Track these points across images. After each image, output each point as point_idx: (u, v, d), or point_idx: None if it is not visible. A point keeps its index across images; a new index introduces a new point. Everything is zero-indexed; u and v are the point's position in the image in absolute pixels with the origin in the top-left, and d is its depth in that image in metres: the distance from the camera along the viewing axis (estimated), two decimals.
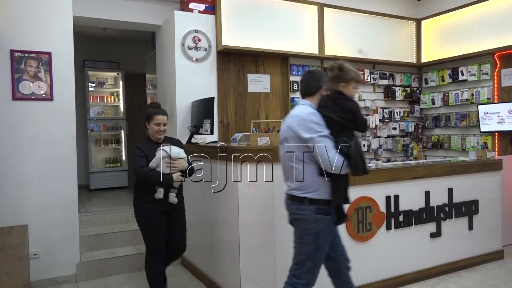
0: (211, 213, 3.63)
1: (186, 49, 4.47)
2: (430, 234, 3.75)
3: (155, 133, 3.13)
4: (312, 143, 2.27)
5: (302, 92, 2.54)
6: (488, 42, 5.19)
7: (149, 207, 3.07)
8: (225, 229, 3.35)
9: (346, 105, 2.36)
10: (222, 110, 4.75)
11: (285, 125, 2.46)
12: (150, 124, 3.13)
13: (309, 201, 2.33)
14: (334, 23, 5.43)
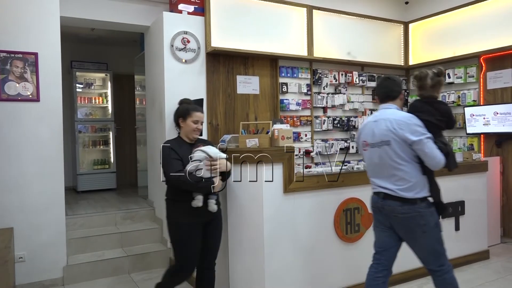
0: None
1: (175, 50, 4.46)
2: None
3: (191, 132, 2.78)
4: (420, 145, 2.46)
5: (384, 97, 2.72)
6: (474, 45, 5.28)
7: (187, 220, 2.69)
8: None
9: (444, 109, 2.68)
10: (211, 112, 4.74)
11: (383, 129, 2.58)
12: (186, 121, 2.78)
13: (420, 199, 2.53)
14: (323, 25, 5.47)
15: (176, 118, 2.85)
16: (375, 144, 2.63)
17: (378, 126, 2.62)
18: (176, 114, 2.85)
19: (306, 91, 5.40)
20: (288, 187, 3.04)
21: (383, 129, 2.58)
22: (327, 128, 5.57)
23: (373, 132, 2.65)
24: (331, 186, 3.27)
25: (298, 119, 5.35)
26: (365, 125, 2.76)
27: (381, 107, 2.74)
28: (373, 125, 2.67)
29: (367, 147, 2.70)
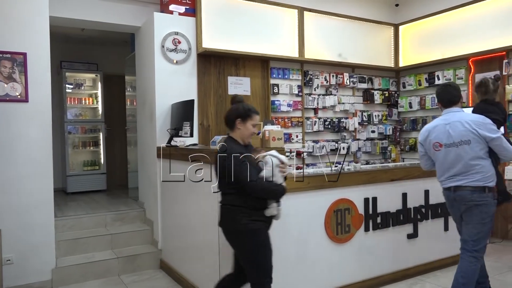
0: (191, 216, 3.62)
1: (166, 51, 4.45)
2: (407, 235, 3.82)
3: (249, 136, 2.55)
4: (498, 141, 2.83)
5: (448, 102, 3.04)
6: (463, 48, 5.34)
7: (261, 226, 2.49)
8: (204, 232, 3.34)
9: (503, 109, 3.28)
10: (203, 113, 4.74)
11: (461, 130, 2.89)
12: (245, 124, 2.51)
13: (488, 189, 2.84)
14: (314, 27, 5.49)
15: (234, 118, 2.53)
16: (452, 144, 2.92)
17: (454, 128, 2.91)
18: (234, 114, 2.54)
19: (297, 92, 5.42)
20: None
21: (462, 130, 2.88)
22: (318, 129, 5.60)
23: (449, 134, 2.93)
24: (322, 187, 3.29)
25: (289, 120, 5.36)
26: (434, 128, 3.01)
27: (447, 111, 3.04)
28: (446, 127, 2.95)
29: (441, 147, 2.97)
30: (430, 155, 3.08)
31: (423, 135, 3.11)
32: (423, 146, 3.12)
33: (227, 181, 2.44)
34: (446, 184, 2.99)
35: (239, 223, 2.44)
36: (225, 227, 2.54)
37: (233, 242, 2.54)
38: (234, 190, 2.46)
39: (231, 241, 2.55)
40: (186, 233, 3.73)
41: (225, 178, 2.45)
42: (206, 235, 3.28)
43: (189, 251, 3.66)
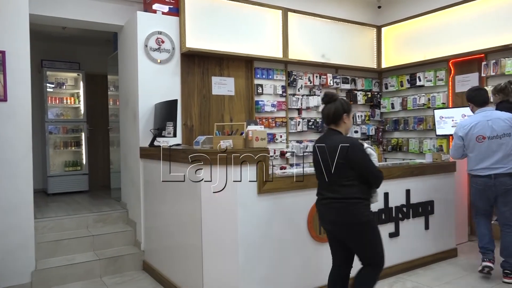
0: (174, 216, 3.60)
1: (149, 50, 4.41)
2: (389, 234, 3.87)
3: (349, 129, 2.76)
4: None
5: (482, 102, 3.76)
6: (444, 50, 5.44)
7: (373, 217, 2.68)
8: (187, 232, 3.32)
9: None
10: (186, 113, 4.72)
11: (502, 125, 3.60)
12: (349, 117, 2.69)
13: None
14: (298, 28, 5.52)
15: (342, 112, 2.64)
16: (496, 137, 3.61)
17: (497, 123, 3.62)
18: (341, 109, 2.64)
19: (281, 92, 5.44)
20: (262, 188, 3.05)
21: (503, 125, 3.60)
22: (302, 130, 5.63)
23: (492, 128, 3.62)
24: (305, 186, 3.30)
25: (273, 120, 5.38)
26: (477, 124, 3.68)
27: (482, 110, 3.74)
28: (489, 123, 3.64)
29: (484, 140, 3.64)
30: (468, 147, 3.74)
31: (465, 129, 3.74)
32: (462, 138, 3.75)
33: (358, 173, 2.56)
34: (484, 172, 3.65)
35: (363, 215, 2.57)
36: (346, 219, 2.58)
37: (352, 234, 2.62)
38: (356, 182, 2.56)
39: (350, 233, 2.63)
40: (170, 234, 3.70)
41: (353, 169, 2.55)
42: (190, 236, 3.27)
43: (172, 252, 3.64)
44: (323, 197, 2.70)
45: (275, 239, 3.16)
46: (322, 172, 2.65)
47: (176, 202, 3.56)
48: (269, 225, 3.12)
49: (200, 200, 3.07)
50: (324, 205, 2.68)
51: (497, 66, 4.86)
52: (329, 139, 2.66)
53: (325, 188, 2.68)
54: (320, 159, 2.67)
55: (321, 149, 2.67)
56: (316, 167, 2.76)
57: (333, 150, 2.57)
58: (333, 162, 2.57)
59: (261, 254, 3.09)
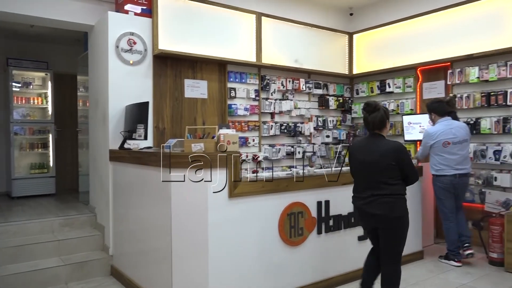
0: (144, 220, 3.54)
1: (121, 51, 4.34)
2: (358, 237, 3.94)
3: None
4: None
5: (444, 113, 4.34)
6: (412, 58, 5.61)
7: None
8: (157, 236, 3.28)
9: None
10: (158, 115, 4.66)
11: (462, 132, 4.26)
12: (389, 123, 3.07)
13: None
14: (272, 33, 5.57)
15: (385, 119, 3.00)
16: (458, 142, 4.22)
17: (458, 131, 4.24)
18: (385, 116, 3.00)
19: (254, 96, 5.46)
20: (233, 192, 3.05)
21: (462, 132, 4.25)
22: (275, 134, 5.66)
23: (455, 135, 4.22)
24: (276, 190, 3.32)
25: (246, 124, 5.39)
26: (443, 131, 4.24)
27: (445, 119, 4.33)
28: (452, 131, 4.24)
29: (449, 145, 4.22)
30: (435, 151, 4.28)
31: (433, 136, 4.27)
32: (429, 143, 4.29)
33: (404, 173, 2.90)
34: (450, 172, 4.22)
35: (405, 209, 2.93)
36: (391, 213, 2.87)
37: (393, 226, 2.91)
38: (400, 181, 2.91)
39: (391, 225, 2.90)
40: (139, 238, 3.64)
41: (403, 169, 2.89)
42: (159, 240, 3.23)
43: (142, 256, 3.57)
44: (368, 195, 2.93)
45: (246, 242, 3.16)
46: (366, 171, 2.95)
47: (146, 205, 3.50)
48: (240, 229, 3.12)
49: (170, 203, 3.03)
50: (370, 202, 2.92)
51: (462, 75, 5.04)
52: (377, 143, 2.98)
53: (371, 187, 2.93)
54: (367, 161, 2.95)
55: (368, 151, 2.97)
56: (357, 167, 3.05)
57: (385, 152, 2.90)
58: (385, 163, 2.87)
59: (231, 257, 3.08)
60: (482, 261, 4.45)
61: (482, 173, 4.84)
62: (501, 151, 4.64)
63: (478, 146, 4.86)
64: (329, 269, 3.71)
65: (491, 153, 4.72)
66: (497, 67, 4.69)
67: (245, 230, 3.15)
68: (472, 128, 4.90)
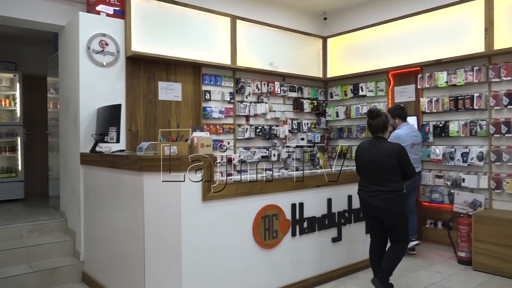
0: (116, 224, 3.49)
1: (92, 53, 4.26)
2: (331, 239, 3.99)
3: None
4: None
5: (405, 117, 4.83)
6: (384, 62, 5.73)
7: None
8: (129, 241, 3.23)
9: None
10: (131, 118, 4.60)
11: (419, 135, 4.86)
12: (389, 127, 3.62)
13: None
14: (247, 36, 5.58)
15: (387, 123, 3.53)
16: (418, 144, 4.77)
17: (417, 134, 4.84)
18: (387, 121, 3.52)
19: (229, 99, 5.46)
20: (207, 195, 3.04)
21: (419, 135, 4.86)
22: (250, 136, 5.67)
23: (417, 136, 4.77)
24: (251, 193, 3.33)
25: (221, 127, 5.38)
26: (409, 134, 4.67)
27: (407, 123, 4.78)
28: (414, 133, 4.77)
29: (414, 146, 4.68)
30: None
31: (404, 137, 4.56)
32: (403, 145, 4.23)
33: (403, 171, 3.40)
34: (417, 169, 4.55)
35: (404, 204, 3.46)
36: (394, 207, 3.38)
37: (394, 218, 3.42)
38: (400, 178, 3.41)
39: (393, 217, 3.41)
40: (111, 243, 3.58)
41: (403, 167, 3.39)
42: (132, 244, 3.18)
43: (114, 261, 3.51)
44: (374, 189, 3.43)
45: (220, 245, 3.15)
46: (372, 170, 3.44)
47: (118, 209, 3.45)
48: (214, 232, 3.11)
49: (143, 207, 3.00)
50: (375, 196, 3.41)
51: (431, 79, 5.19)
52: (381, 145, 3.46)
53: (376, 183, 3.41)
54: (373, 160, 3.43)
55: (374, 152, 3.44)
56: (363, 166, 3.55)
57: (389, 153, 3.38)
58: (389, 162, 3.36)
59: (205, 261, 3.06)
60: (451, 260, 4.58)
61: (450, 174, 4.99)
62: (469, 153, 4.79)
63: (447, 149, 5.01)
64: (303, 271, 3.74)
65: (459, 155, 4.87)
66: (464, 72, 4.85)
67: (219, 233, 3.14)
68: (441, 131, 5.06)
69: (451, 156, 4.95)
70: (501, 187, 4.54)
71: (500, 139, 4.62)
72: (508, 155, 4.49)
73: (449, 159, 4.97)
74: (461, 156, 4.85)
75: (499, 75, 4.57)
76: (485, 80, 4.72)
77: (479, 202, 4.67)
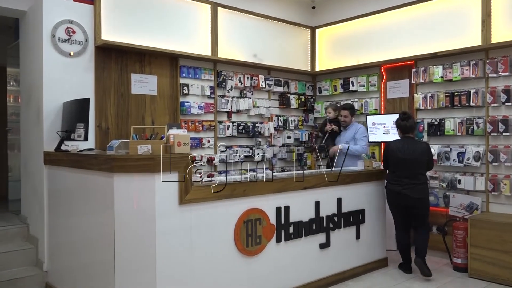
0: (84, 230, 3.46)
1: (57, 41, 4.21)
2: (319, 245, 4.03)
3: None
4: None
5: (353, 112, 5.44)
6: (376, 55, 5.81)
7: None
8: (98, 248, 3.21)
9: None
10: (101, 113, 4.56)
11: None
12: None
13: None
14: (229, 25, 5.58)
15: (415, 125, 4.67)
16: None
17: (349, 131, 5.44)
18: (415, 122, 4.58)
19: (209, 93, 5.45)
20: (184, 198, 3.04)
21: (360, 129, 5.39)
22: (232, 134, 5.67)
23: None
24: (232, 196, 3.34)
25: (200, 123, 5.37)
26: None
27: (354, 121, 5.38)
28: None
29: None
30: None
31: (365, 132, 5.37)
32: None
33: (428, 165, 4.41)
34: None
35: (428, 192, 4.45)
36: (422, 196, 4.31)
37: (424, 204, 4.36)
38: (424, 171, 4.40)
39: (423, 204, 4.35)
40: (78, 251, 3.55)
41: (429, 162, 4.40)
42: (101, 252, 3.16)
43: (81, 271, 3.48)
44: (407, 182, 4.29)
45: (198, 253, 3.15)
46: (405, 166, 4.30)
47: (86, 214, 3.42)
48: (192, 238, 3.11)
49: (114, 211, 2.98)
50: (410, 188, 4.27)
51: (426, 74, 5.28)
52: (413, 144, 4.39)
53: (407, 177, 4.29)
54: (408, 158, 4.30)
55: (408, 151, 4.32)
56: (396, 163, 4.37)
57: (422, 151, 4.35)
58: (422, 159, 4.32)
59: (182, 270, 3.06)
60: (446, 267, 4.68)
61: (446, 175, 5.08)
62: (465, 153, 4.90)
63: (442, 148, 5.10)
64: (289, 279, 3.77)
65: (455, 155, 4.96)
66: (461, 66, 4.95)
67: (197, 239, 3.14)
68: (436, 129, 5.15)
69: (447, 156, 5.04)
70: (498, 189, 4.65)
71: (497, 138, 4.73)
72: (505, 155, 4.60)
73: (444, 159, 5.06)
74: (457, 156, 4.95)
75: (496, 70, 4.68)
76: (482, 75, 4.83)
77: (476, 205, 4.78)
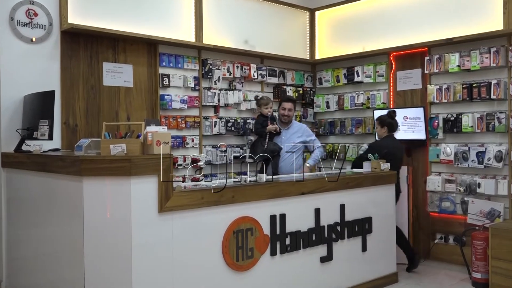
0: (48, 243, 3.47)
1: (17, 25, 4.20)
2: (320, 259, 4.04)
3: None
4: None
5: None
6: (384, 41, 5.83)
7: None
8: (65, 264, 3.22)
9: None
10: (68, 108, 4.55)
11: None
12: None
13: None
14: (216, 7, 5.59)
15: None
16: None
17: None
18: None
19: (193, 85, 5.45)
20: (165, 205, 3.03)
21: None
22: (219, 132, 5.67)
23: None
24: (220, 202, 3.34)
25: (183, 120, 5.36)
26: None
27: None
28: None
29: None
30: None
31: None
32: None
33: None
34: None
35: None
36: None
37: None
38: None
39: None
40: (42, 268, 3.56)
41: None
42: (69, 269, 3.18)
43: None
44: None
45: (181, 268, 3.15)
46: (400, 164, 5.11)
47: (51, 225, 3.43)
48: (174, 251, 3.10)
49: (83, 221, 2.97)
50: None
51: (440, 62, 5.30)
52: (398, 142, 5.16)
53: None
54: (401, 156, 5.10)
55: (399, 149, 5.13)
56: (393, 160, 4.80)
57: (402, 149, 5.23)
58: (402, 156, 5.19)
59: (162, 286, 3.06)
60: (465, 282, 4.71)
61: (463, 178, 5.11)
62: (485, 153, 4.93)
63: (459, 147, 5.13)
64: None
65: (474, 155, 4.99)
66: (480, 54, 4.98)
67: (180, 252, 3.14)
68: (452, 126, 5.18)
69: (465, 156, 5.07)
70: None
71: None
72: None
73: (462, 159, 5.09)
74: (476, 156, 4.99)
75: None
76: (504, 64, 4.87)
77: (498, 212, 4.82)
